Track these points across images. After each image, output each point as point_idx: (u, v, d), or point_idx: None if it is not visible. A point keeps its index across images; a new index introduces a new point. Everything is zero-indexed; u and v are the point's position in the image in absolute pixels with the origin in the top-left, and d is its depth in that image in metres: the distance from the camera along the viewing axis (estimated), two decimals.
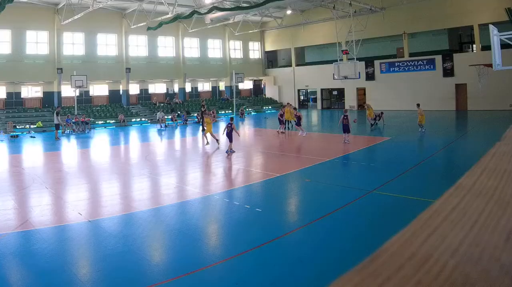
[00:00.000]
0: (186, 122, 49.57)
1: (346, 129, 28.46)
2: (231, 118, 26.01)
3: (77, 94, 47.95)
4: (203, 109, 37.30)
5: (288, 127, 37.48)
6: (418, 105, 32.97)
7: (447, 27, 51.92)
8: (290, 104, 39.91)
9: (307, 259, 10.07)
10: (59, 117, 37.95)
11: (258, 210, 14.24)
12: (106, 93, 56.89)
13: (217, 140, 28.86)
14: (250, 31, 65.05)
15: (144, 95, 60.48)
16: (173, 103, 58.14)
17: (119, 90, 56.93)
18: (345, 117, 28.35)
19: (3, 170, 22.78)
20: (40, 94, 51.47)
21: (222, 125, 37.44)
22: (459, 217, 1.30)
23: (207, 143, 29.56)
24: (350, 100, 61.33)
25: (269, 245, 11.04)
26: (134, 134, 42.18)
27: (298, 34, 65.72)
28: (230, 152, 25.47)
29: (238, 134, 26.94)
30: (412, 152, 25.84)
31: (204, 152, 29.39)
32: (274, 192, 17.33)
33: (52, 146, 33.88)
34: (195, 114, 52.51)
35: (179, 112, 52.64)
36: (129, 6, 51.71)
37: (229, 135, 25.82)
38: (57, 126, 37.92)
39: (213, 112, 37.43)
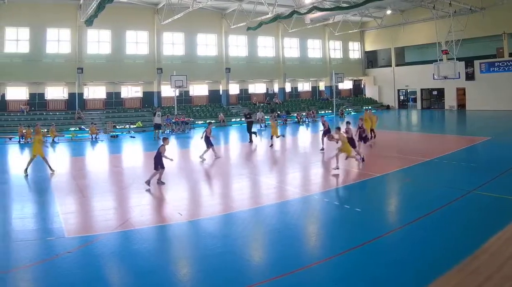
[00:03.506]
0: (286, 123, 47.91)
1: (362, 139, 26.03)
2: (164, 139, 19.00)
3: (177, 94, 46.70)
4: (247, 115, 34.12)
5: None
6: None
7: None
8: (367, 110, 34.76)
9: (406, 259, 9.72)
10: (159, 118, 37.37)
11: (357, 210, 13.77)
12: (206, 93, 55.97)
13: (50, 168, 21.41)
14: (349, 31, 62.38)
15: (244, 95, 59.32)
16: (273, 103, 56.96)
17: (219, 90, 56.01)
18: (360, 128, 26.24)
19: (103, 170, 22.56)
20: (140, 94, 51.15)
21: None
22: None
23: (52, 172, 21.27)
24: (450, 100, 58.81)
25: (368, 245, 10.61)
26: (234, 134, 40.97)
27: (398, 34, 62.96)
28: (159, 183, 18.11)
29: (170, 159, 18.83)
30: None
31: (305, 152, 28.68)
32: (374, 192, 16.92)
33: (152, 146, 32.29)
34: (295, 114, 50.82)
35: (278, 112, 51.14)
36: (228, 6, 50.67)
37: (157, 161, 18.14)
38: (157, 126, 37.02)
39: (38, 128, 26.93)
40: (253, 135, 32.06)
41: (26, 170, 20.87)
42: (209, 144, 24.56)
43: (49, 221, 13.21)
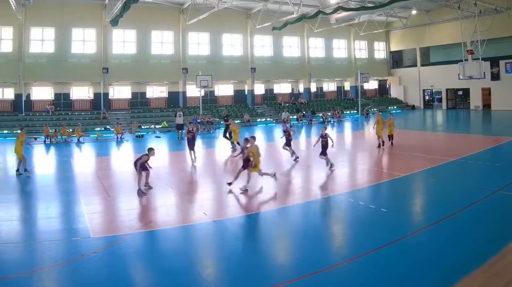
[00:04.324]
0: (311, 123, 47.43)
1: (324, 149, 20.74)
2: (149, 149, 17.03)
3: (202, 94, 46.09)
4: (225, 118, 33.06)
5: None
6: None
7: None
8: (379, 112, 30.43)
9: (432, 259, 9.54)
10: (181, 118, 36.87)
11: (383, 210, 13.72)
12: (231, 93, 55.48)
13: (17, 170, 20.69)
14: (375, 31, 61.47)
15: (269, 95, 58.55)
16: (298, 103, 56.24)
17: (244, 90, 55.47)
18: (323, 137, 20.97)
19: (128, 170, 21.52)
20: (165, 94, 50.74)
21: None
22: None
23: (18, 173, 20.62)
24: (475, 100, 58.12)
25: (394, 245, 10.55)
26: (259, 134, 39.79)
27: (423, 34, 62.16)
28: (143, 190, 16.62)
29: (150, 167, 17.15)
30: None
31: (329, 152, 27.97)
32: (399, 192, 16.84)
33: (176, 145, 32.51)
34: (320, 114, 50.20)
35: (304, 112, 50.79)
36: (254, 6, 50.23)
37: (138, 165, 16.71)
38: (179, 127, 36.50)
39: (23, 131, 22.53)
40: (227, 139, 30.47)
41: (18, 170, 20.61)
42: (190, 145, 23.43)
43: (74, 221, 13.14)
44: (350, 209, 14.39)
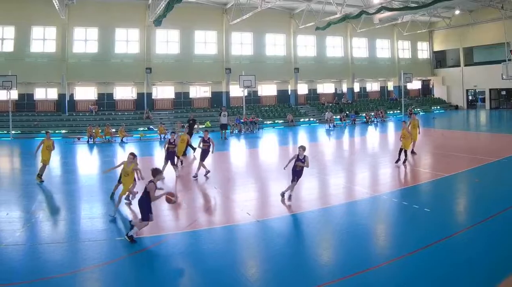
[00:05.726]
0: (354, 123, 46.24)
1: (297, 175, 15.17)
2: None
3: (246, 94, 44.79)
4: (190, 123, 30.67)
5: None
6: None
7: None
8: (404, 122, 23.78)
9: (475, 260, 9.47)
10: (226, 118, 35.61)
11: (426, 210, 13.46)
12: (274, 93, 54.02)
13: (40, 175, 18.56)
14: (418, 31, 59.32)
15: (313, 95, 56.97)
16: (341, 103, 54.80)
17: (288, 90, 53.87)
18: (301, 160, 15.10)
19: (170, 170, 20.74)
20: (208, 94, 49.56)
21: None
22: None
23: (40, 180, 18.47)
24: None
25: (437, 245, 10.32)
26: (302, 134, 39.53)
27: (466, 34, 59.65)
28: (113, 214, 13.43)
29: (140, 178, 14.68)
30: None
31: (373, 152, 28.49)
32: (442, 192, 16.38)
33: (219, 146, 30.65)
34: (364, 114, 48.79)
35: (347, 112, 49.12)
36: (297, 6, 48.67)
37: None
38: (223, 127, 35.35)
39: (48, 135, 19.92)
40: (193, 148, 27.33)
41: (40, 176, 18.47)
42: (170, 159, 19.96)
43: (117, 221, 12.91)
44: (394, 209, 14.25)
